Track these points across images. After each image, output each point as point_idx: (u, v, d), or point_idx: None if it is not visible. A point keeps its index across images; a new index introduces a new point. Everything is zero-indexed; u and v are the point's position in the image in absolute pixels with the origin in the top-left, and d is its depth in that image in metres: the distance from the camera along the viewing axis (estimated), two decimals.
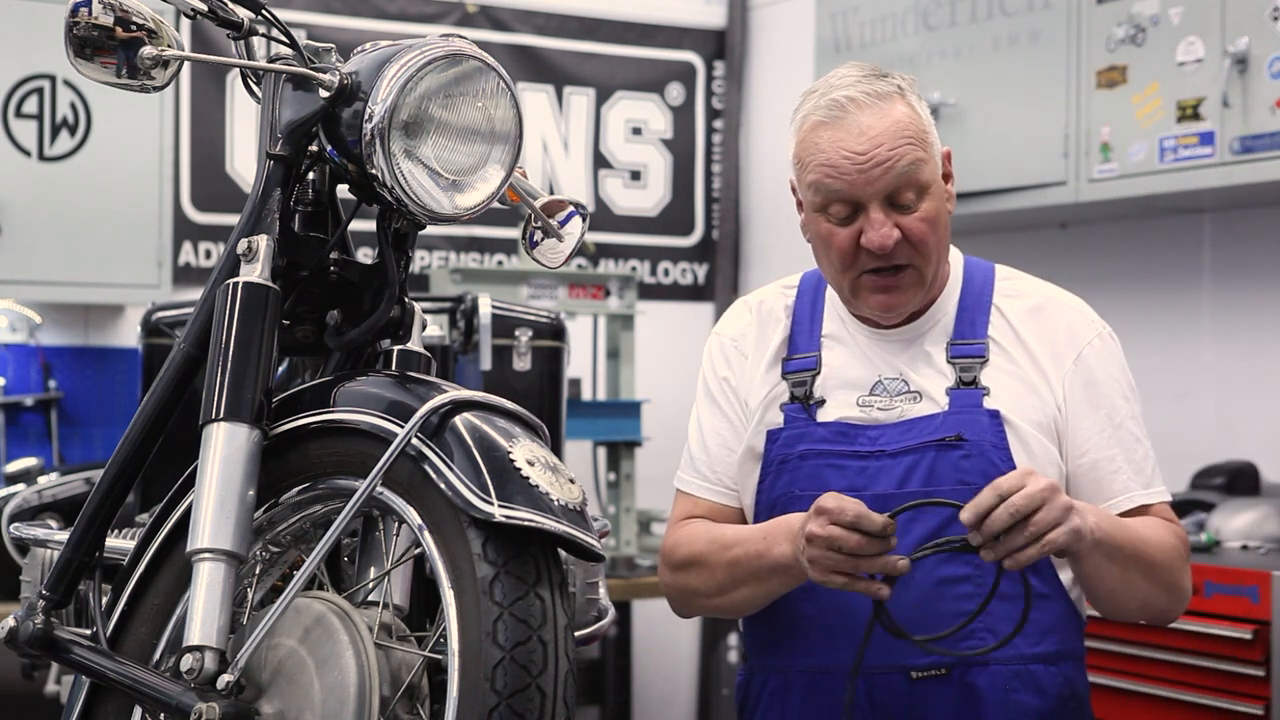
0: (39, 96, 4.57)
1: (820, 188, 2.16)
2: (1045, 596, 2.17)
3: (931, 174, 2.17)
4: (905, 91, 2.18)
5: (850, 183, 2.13)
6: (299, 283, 1.88)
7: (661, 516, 5.15)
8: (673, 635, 5.68)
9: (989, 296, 2.26)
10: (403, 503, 1.67)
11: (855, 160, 2.12)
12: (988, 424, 2.16)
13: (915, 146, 2.14)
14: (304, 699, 1.68)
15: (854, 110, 2.14)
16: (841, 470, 2.18)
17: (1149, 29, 3.90)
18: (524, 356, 3.64)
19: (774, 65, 5.93)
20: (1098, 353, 2.23)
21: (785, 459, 2.22)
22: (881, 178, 2.12)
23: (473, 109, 1.81)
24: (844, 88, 2.16)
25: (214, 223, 5.19)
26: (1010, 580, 2.09)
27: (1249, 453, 4.01)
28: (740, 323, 2.36)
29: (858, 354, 2.25)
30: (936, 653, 2.08)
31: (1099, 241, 4.51)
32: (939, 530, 2.11)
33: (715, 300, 5.98)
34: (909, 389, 2.21)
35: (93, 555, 1.93)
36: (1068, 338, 2.23)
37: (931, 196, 2.16)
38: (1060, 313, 2.26)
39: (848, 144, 2.13)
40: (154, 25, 1.83)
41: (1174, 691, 3.44)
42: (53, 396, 4.90)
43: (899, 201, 2.14)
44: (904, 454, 2.16)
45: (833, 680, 2.16)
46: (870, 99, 2.14)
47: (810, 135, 2.18)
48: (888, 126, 2.13)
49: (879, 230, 2.13)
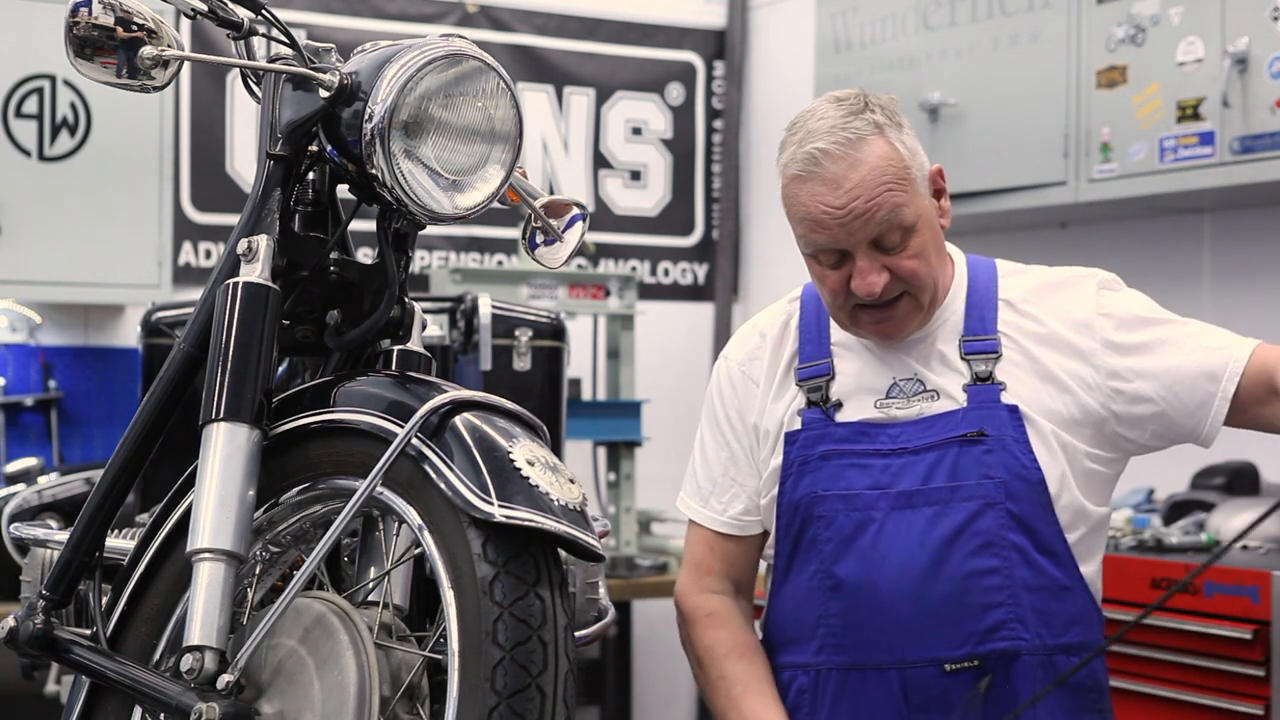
0: (39, 96, 4.57)
1: (807, 238, 2.18)
2: (1067, 589, 2.18)
3: (916, 211, 2.16)
4: (884, 127, 2.16)
5: (832, 236, 2.14)
6: (299, 283, 1.88)
7: (661, 517, 5.15)
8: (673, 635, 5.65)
9: (994, 291, 2.26)
10: (403, 503, 1.67)
11: (834, 215, 2.13)
12: (1007, 418, 2.17)
13: (894, 190, 2.13)
14: (304, 699, 1.68)
15: (828, 163, 2.13)
16: (864, 469, 2.20)
17: (1149, 29, 3.90)
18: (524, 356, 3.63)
19: (774, 65, 5.93)
20: (1106, 306, 2.22)
21: (806, 460, 2.23)
22: (862, 229, 2.13)
23: (473, 109, 1.81)
24: (818, 136, 2.14)
25: (214, 223, 5.19)
26: (1035, 572, 2.14)
27: (1249, 453, 4.00)
28: (749, 346, 2.36)
29: (869, 360, 2.26)
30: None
31: (1099, 241, 4.51)
32: (964, 524, 2.13)
33: (715, 300, 5.98)
34: (925, 389, 2.22)
35: (93, 555, 1.92)
36: (1074, 316, 2.22)
37: (919, 232, 2.16)
38: (1059, 291, 2.25)
39: (825, 199, 2.13)
40: (154, 25, 1.83)
41: (1174, 691, 3.44)
42: (53, 396, 4.90)
43: (885, 244, 2.15)
44: (926, 450, 2.18)
45: (867, 677, 2.18)
46: (842, 149, 2.13)
47: (790, 187, 2.19)
48: (864, 177, 2.12)
49: (866, 279, 2.14)
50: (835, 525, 2.19)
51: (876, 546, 2.17)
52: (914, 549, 2.15)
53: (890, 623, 2.16)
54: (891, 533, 2.17)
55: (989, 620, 2.14)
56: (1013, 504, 2.14)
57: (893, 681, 2.17)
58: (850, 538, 2.19)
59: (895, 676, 2.16)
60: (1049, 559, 2.17)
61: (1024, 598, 2.12)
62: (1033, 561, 2.15)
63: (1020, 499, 2.15)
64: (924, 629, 2.14)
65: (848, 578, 2.18)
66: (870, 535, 2.18)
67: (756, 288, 5.97)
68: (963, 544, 2.14)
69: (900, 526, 2.16)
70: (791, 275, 2.44)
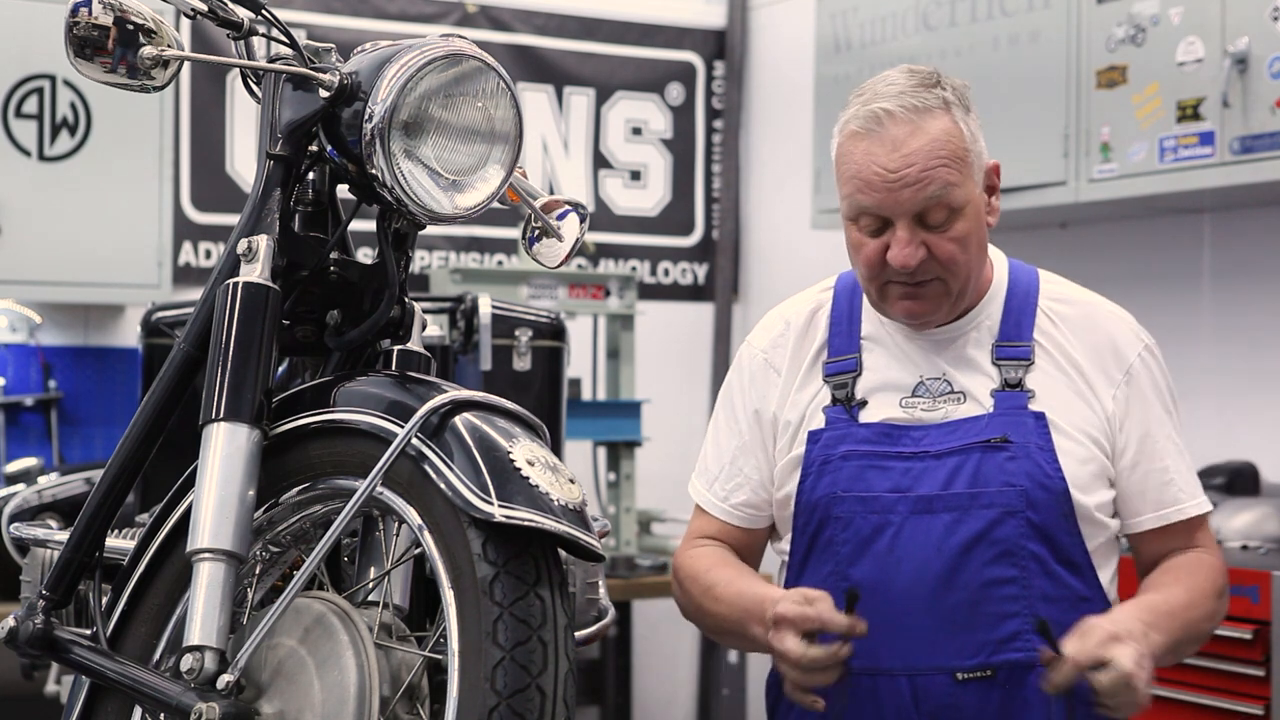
0: (39, 96, 4.57)
1: (851, 199, 2.15)
2: (1086, 600, 2.15)
3: (966, 195, 2.14)
4: (951, 105, 2.14)
5: (879, 200, 2.11)
6: (299, 283, 1.88)
7: (661, 517, 5.15)
8: (673, 635, 5.68)
9: (1034, 300, 2.24)
10: (403, 503, 1.67)
11: (885, 177, 2.10)
12: (1033, 426, 2.15)
13: (950, 168, 2.11)
14: (304, 699, 1.68)
15: (890, 124, 2.11)
16: (885, 471, 2.17)
17: (1149, 29, 3.90)
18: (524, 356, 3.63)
19: (774, 65, 5.93)
20: (1147, 366, 2.23)
21: (827, 459, 2.20)
22: (911, 198, 2.10)
23: (473, 109, 1.81)
24: (885, 98, 2.12)
25: (214, 223, 5.19)
26: (1054, 583, 2.12)
27: (1249, 453, 4.01)
28: (773, 333, 2.33)
29: (898, 355, 2.24)
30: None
31: (1099, 241, 4.51)
32: (983, 532, 2.11)
33: (715, 300, 5.98)
34: (952, 390, 2.20)
35: (93, 555, 1.93)
36: (1114, 350, 2.22)
37: (965, 217, 2.14)
38: (1107, 322, 2.25)
39: (879, 159, 2.11)
40: (154, 25, 1.83)
41: (1174, 691, 3.44)
42: (53, 396, 4.90)
43: (929, 221, 2.12)
44: (949, 455, 2.15)
45: (877, 681, 2.15)
46: (908, 113, 2.11)
47: (847, 144, 2.16)
48: (923, 145, 2.10)
49: (902, 250, 2.11)
50: (853, 527, 2.16)
51: (893, 550, 2.14)
52: (931, 554, 2.12)
53: (903, 628, 2.12)
54: (909, 537, 2.13)
55: (1004, 630, 2.11)
56: (1034, 513, 2.11)
57: (903, 688, 2.13)
58: (867, 540, 2.15)
59: (906, 683, 2.13)
60: (1069, 570, 2.14)
61: (1041, 609, 2.09)
62: (1052, 572, 2.12)
63: (1042, 508, 2.12)
64: (937, 636, 2.11)
65: (863, 581, 2.13)
66: (887, 539, 2.14)
67: (756, 288, 5.97)
68: (980, 552, 2.11)
69: (918, 531, 2.13)
70: (791, 275, 2.44)
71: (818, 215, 4.85)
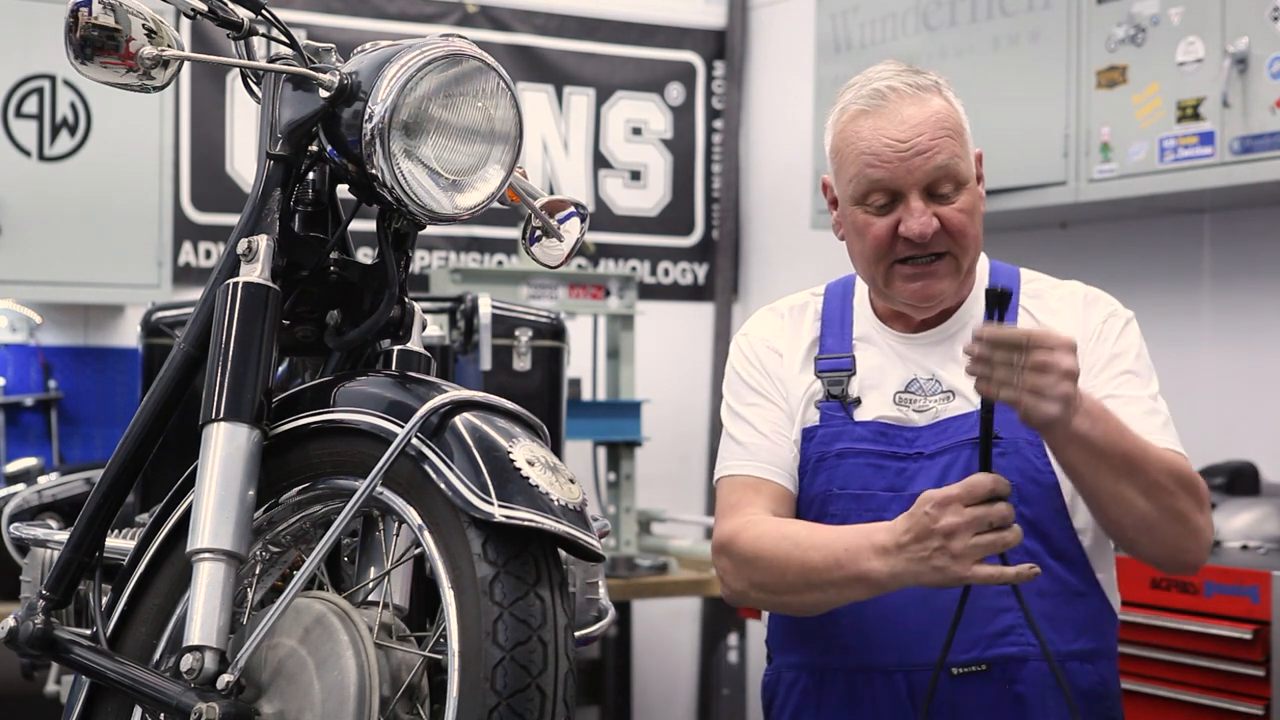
0: (39, 96, 4.57)
1: (861, 177, 2.16)
2: (1081, 594, 2.17)
3: (968, 170, 2.18)
4: (942, 88, 2.20)
5: (891, 171, 2.14)
6: (299, 283, 1.88)
7: (661, 516, 5.15)
8: (673, 635, 5.68)
9: (1017, 297, 2.25)
10: (403, 503, 1.67)
11: (897, 148, 2.13)
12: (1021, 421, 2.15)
13: (954, 140, 2.16)
14: (304, 699, 1.68)
15: (895, 100, 2.15)
16: (881, 470, 2.18)
17: (1149, 29, 3.90)
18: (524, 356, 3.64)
19: (774, 65, 5.93)
20: (1111, 328, 2.22)
21: (823, 457, 2.21)
22: (922, 166, 2.13)
23: (473, 109, 1.81)
24: (884, 79, 2.18)
25: (214, 223, 5.19)
26: (1048, 577, 2.10)
27: (1249, 453, 4.01)
28: (769, 326, 2.34)
29: (890, 356, 2.25)
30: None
31: (1099, 241, 4.51)
32: None
33: (715, 300, 5.98)
34: (942, 388, 2.21)
35: (93, 555, 1.93)
36: (1085, 323, 2.22)
37: (969, 191, 2.18)
38: (1081, 302, 2.26)
39: (889, 131, 2.14)
40: (154, 25, 1.83)
41: (1174, 691, 3.44)
42: (53, 396, 4.91)
43: (937, 192, 2.15)
44: (940, 454, 2.17)
45: (874, 679, 2.16)
46: (911, 89, 2.16)
47: (850, 125, 2.18)
48: (928, 116, 2.15)
49: (918, 219, 2.13)
50: (847, 525, 2.16)
51: None
52: None
53: (898, 624, 2.14)
54: None
55: (998, 624, 2.13)
56: (1026, 508, 2.11)
57: (899, 684, 2.15)
58: None
59: (902, 679, 2.15)
60: (1062, 564, 2.15)
61: (1034, 603, 2.08)
62: (1045, 566, 2.11)
63: (1034, 502, 2.13)
64: (932, 632, 2.12)
65: None
66: None
67: (756, 288, 5.96)
68: None
69: None
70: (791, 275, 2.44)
71: (818, 215, 4.84)
